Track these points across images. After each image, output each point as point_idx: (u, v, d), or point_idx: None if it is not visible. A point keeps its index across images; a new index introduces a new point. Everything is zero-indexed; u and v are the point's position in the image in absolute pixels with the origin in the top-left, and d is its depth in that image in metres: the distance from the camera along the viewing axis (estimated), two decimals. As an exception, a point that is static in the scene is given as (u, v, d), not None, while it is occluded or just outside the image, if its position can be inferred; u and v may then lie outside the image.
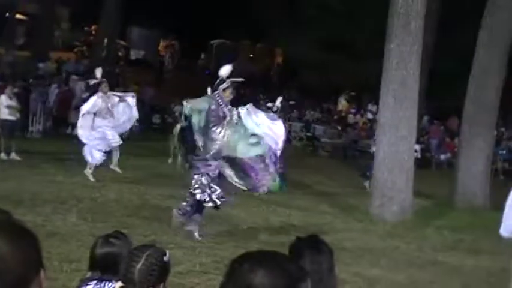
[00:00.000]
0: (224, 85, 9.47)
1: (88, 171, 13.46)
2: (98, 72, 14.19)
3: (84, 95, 24.27)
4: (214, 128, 9.39)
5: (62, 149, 16.61)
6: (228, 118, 9.46)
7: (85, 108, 13.98)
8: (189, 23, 34.55)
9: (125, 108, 14.27)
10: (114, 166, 14.24)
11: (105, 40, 31.24)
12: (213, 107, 9.38)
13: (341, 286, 3.31)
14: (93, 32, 35.04)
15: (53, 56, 30.04)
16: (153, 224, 9.92)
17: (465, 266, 9.43)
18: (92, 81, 14.53)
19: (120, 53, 35.60)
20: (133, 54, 37.72)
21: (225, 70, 9.59)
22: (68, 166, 14.26)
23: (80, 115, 13.99)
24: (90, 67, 29.48)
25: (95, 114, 13.77)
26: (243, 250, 2.08)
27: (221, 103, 9.44)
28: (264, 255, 1.98)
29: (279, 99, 12.35)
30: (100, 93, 14.00)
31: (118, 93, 14.66)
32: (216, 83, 9.54)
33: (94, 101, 13.94)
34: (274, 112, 11.67)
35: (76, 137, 14.01)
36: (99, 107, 13.79)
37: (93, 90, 24.95)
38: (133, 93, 15.20)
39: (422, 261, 9.55)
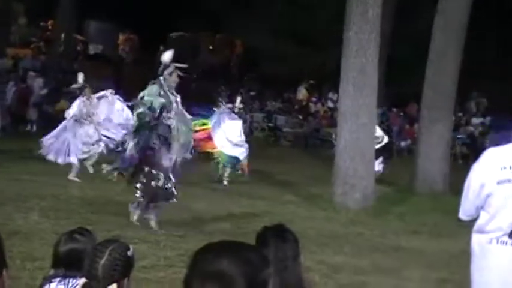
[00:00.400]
0: (170, 70, 9.44)
1: (73, 175, 13.28)
2: (80, 77, 13.96)
3: (43, 92, 24.01)
4: (166, 114, 9.38)
5: (21, 147, 16.40)
6: (174, 105, 9.45)
7: (71, 112, 13.72)
8: (147, 16, 34.27)
9: (108, 106, 13.92)
10: (72, 177, 13.33)
11: (62, 35, 30.86)
12: (161, 93, 9.36)
13: (306, 273, 3.36)
14: (50, 27, 34.58)
15: (10, 53, 29.60)
16: (117, 219, 9.86)
17: (427, 250, 9.58)
18: (75, 86, 14.24)
19: (78, 48, 35.19)
20: (92, 49, 37.26)
21: (168, 55, 9.55)
22: (29, 164, 14.08)
23: (66, 120, 13.74)
24: (47, 63, 29.18)
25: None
26: (207, 242, 2.10)
27: (167, 89, 9.42)
28: (226, 244, 2.01)
29: (239, 100, 12.77)
30: (83, 98, 13.77)
31: (97, 94, 14.18)
32: (160, 69, 9.47)
33: (77, 105, 13.72)
34: (235, 113, 12.20)
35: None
36: (82, 113, 13.55)
37: (50, 86, 24.65)
38: (111, 90, 14.68)
39: (385, 247, 9.67)
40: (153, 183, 9.36)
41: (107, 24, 37.21)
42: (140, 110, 9.36)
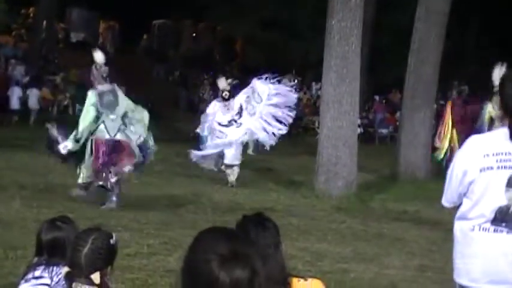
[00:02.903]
0: None
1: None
2: (221, 82, 14.17)
3: (25, 79, 23.85)
4: None
5: (2, 135, 16.29)
6: None
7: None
8: (130, 3, 34.06)
9: None
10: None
11: (44, 23, 30.61)
12: None
13: (288, 261, 3.36)
14: (31, 15, 34.28)
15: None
16: (99, 207, 9.86)
17: (409, 237, 9.64)
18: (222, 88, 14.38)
19: (59, 36, 34.94)
20: (73, 37, 36.95)
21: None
22: (10, 152, 14.00)
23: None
24: (29, 51, 28.96)
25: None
26: (190, 230, 2.10)
27: None
28: (228, 228, 1.99)
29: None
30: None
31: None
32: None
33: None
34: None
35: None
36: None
37: (31, 74, 24.44)
38: None
39: (367, 234, 9.72)
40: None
41: (89, 11, 36.93)
42: None
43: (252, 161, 16.57)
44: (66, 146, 9.97)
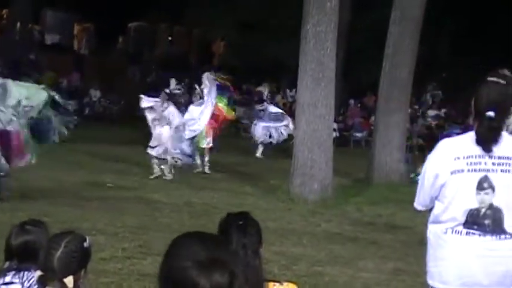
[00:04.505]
0: None
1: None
2: (173, 83, 14.48)
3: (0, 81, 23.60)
4: None
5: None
6: None
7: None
8: (105, 5, 33.87)
9: None
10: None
11: (18, 24, 30.36)
12: None
13: (264, 265, 3.37)
14: (5, 16, 33.98)
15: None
16: (74, 211, 9.80)
17: (383, 240, 9.69)
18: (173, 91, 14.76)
19: (34, 38, 34.64)
20: (48, 39, 36.67)
21: None
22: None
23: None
24: (2, 53, 28.69)
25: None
26: (166, 234, 2.09)
27: None
28: (204, 233, 1.98)
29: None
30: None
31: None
32: None
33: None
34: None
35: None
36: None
37: (3, 76, 24.19)
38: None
39: (342, 238, 9.76)
40: None
41: (64, 13, 36.65)
42: None
43: (229, 165, 16.57)
44: None
